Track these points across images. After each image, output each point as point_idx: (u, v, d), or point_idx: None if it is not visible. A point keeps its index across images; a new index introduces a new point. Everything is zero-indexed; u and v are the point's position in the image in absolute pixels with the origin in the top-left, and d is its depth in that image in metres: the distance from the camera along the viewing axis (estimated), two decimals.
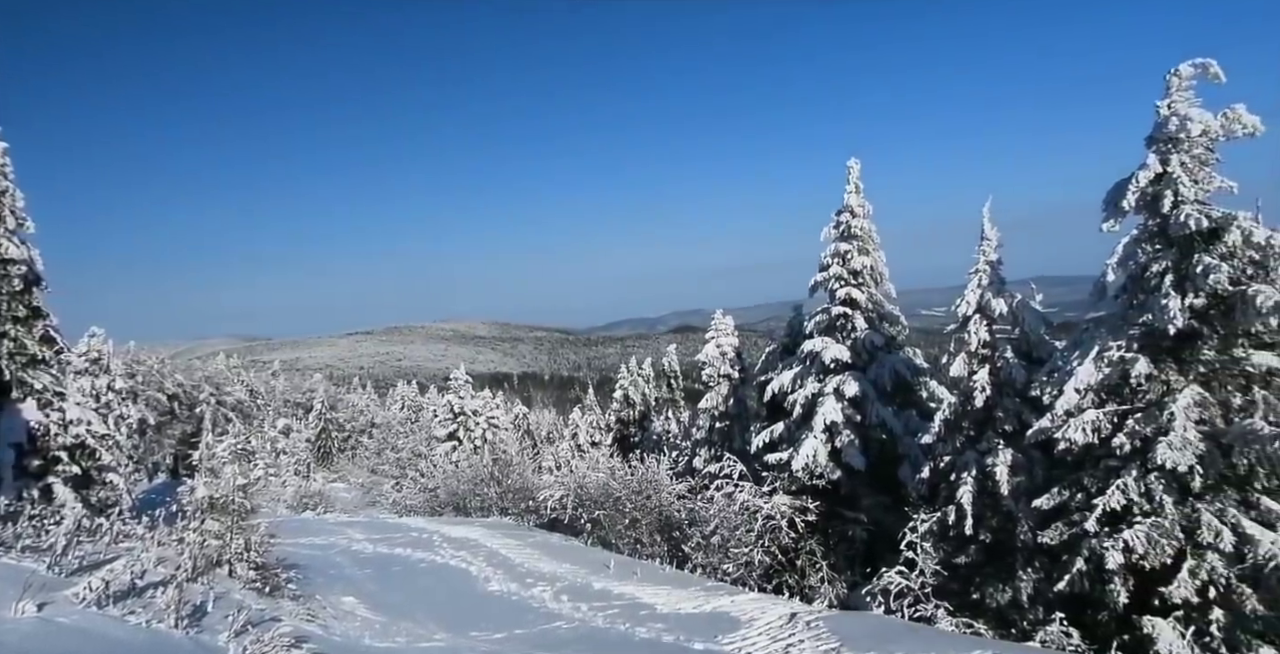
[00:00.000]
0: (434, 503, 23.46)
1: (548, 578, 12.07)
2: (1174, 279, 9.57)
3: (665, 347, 43.62)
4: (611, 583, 11.61)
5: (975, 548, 12.03)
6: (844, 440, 14.93)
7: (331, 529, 17.79)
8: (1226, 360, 9.48)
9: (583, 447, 37.40)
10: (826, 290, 16.15)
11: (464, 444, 32.35)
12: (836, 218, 16.09)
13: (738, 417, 20.40)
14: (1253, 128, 9.31)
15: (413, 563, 13.59)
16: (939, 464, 12.85)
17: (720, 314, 21.62)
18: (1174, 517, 9.22)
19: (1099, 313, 10.73)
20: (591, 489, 16.14)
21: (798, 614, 9.36)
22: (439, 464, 26.32)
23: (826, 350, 15.34)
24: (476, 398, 35.06)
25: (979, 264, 12.70)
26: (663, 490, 15.27)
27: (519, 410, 53.39)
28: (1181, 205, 9.49)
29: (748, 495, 14.33)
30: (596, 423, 44.15)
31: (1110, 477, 9.77)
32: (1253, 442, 8.78)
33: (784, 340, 18.62)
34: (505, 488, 21.02)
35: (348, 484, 35.90)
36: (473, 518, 20.19)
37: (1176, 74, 9.60)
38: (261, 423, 40.70)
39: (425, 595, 11.34)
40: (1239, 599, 8.87)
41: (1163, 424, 9.29)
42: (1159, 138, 9.75)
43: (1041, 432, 10.43)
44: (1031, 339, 12.67)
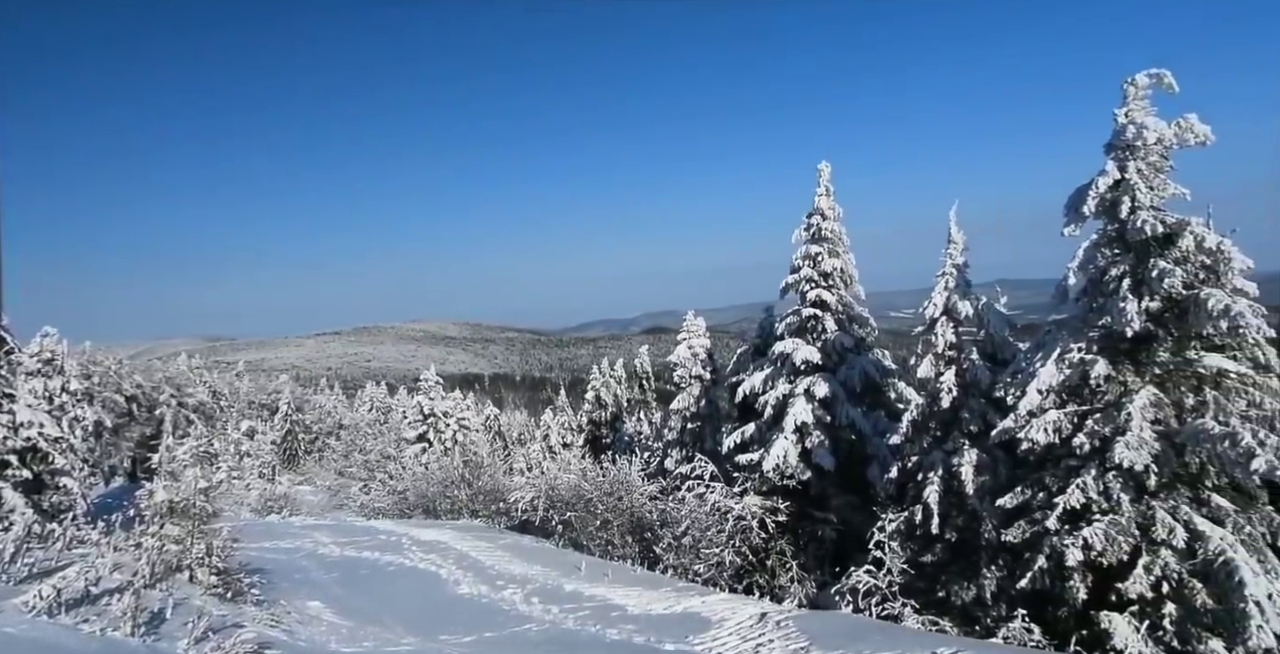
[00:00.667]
0: (403, 505, 23.17)
1: (518, 580, 12.00)
2: (1131, 283, 9.84)
3: (637, 348, 43.66)
4: (583, 584, 11.57)
5: (941, 547, 12.21)
6: (814, 441, 15.07)
7: (297, 532, 17.46)
8: (1180, 362, 9.77)
9: (554, 448, 37.27)
10: (797, 292, 16.30)
11: (434, 446, 32.01)
12: (807, 220, 16.25)
13: (709, 418, 20.48)
14: (1204, 137, 9.62)
15: (381, 566, 13.41)
16: (906, 464, 13.03)
17: (692, 315, 21.68)
18: (1130, 514, 9.46)
19: (1060, 315, 10.99)
20: (563, 491, 16.08)
21: (768, 614, 9.43)
22: (408, 466, 26.01)
23: (797, 352, 15.48)
24: (447, 399, 34.71)
25: (946, 267, 12.92)
26: (634, 491, 15.27)
27: (490, 412, 52.98)
28: (1138, 211, 9.76)
29: (719, 496, 14.40)
30: (568, 424, 44.03)
31: (1071, 476, 9.99)
32: (1204, 441, 9.05)
33: (755, 342, 18.74)
34: (476, 490, 20.84)
35: (314, 487, 35.29)
36: (442, 520, 19.99)
37: (1133, 83, 9.88)
38: (225, 425, 39.80)
39: (393, 599, 11.19)
40: (1190, 594, 9.13)
41: (1120, 424, 9.54)
42: (1117, 145, 10.01)
43: (1005, 432, 10.64)
44: (996, 341, 12.91)
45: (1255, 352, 9.47)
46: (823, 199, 16.18)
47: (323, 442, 45.02)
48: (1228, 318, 8.93)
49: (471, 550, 14.32)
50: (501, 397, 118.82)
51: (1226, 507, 9.36)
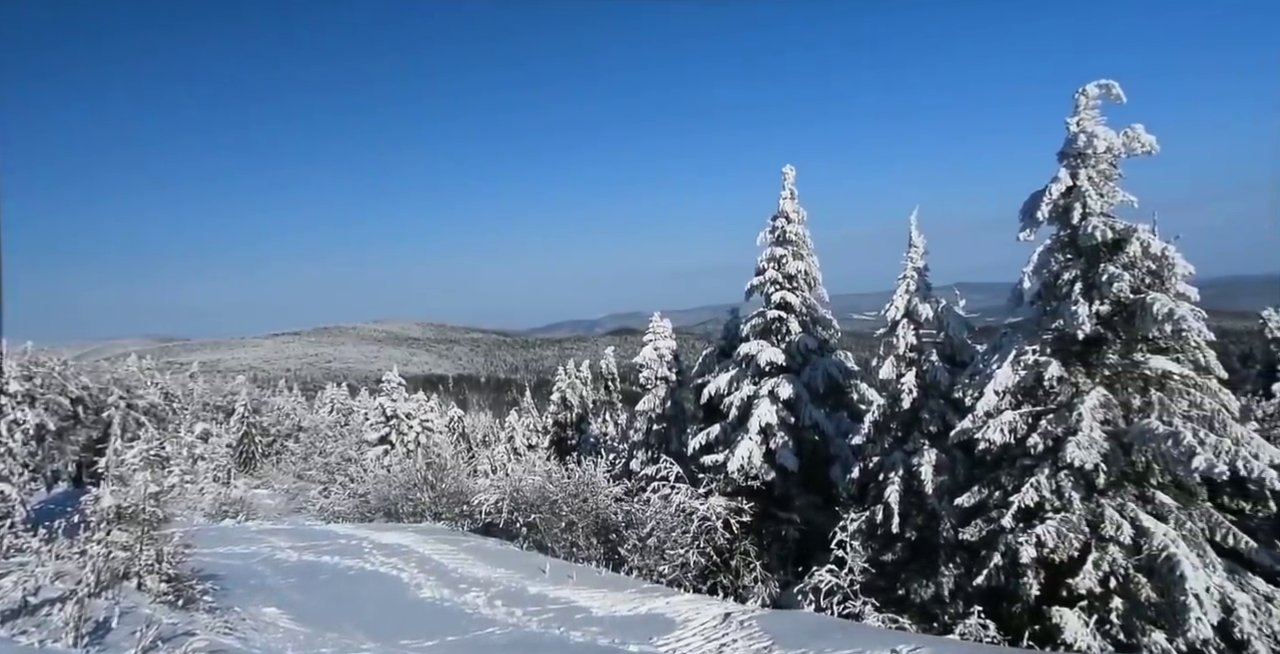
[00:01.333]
0: (364, 509, 22.76)
1: (481, 583, 11.87)
2: (1083, 287, 10.15)
3: (603, 349, 43.58)
4: (547, 587, 11.50)
5: (901, 545, 12.43)
6: (778, 442, 15.22)
7: (253, 537, 17.02)
8: (1128, 364, 10.11)
9: (519, 450, 37.02)
10: (762, 294, 16.45)
11: (396, 448, 31.51)
12: (772, 223, 16.41)
13: (675, 419, 20.53)
14: (1149, 146, 9.98)
15: (340, 571, 13.14)
16: (868, 464, 13.23)
17: (658, 317, 21.72)
18: (1081, 512, 9.75)
19: (1016, 318, 11.28)
20: (527, 492, 15.97)
21: (731, 614, 9.48)
22: (370, 469, 25.56)
23: (762, 353, 15.61)
24: (410, 400, 34.20)
25: (906, 271, 13.16)
26: (599, 493, 15.23)
27: (454, 413, 52.39)
28: (1089, 217, 10.08)
29: (684, 497, 14.44)
30: (533, 426, 43.77)
31: (1025, 475, 10.26)
32: (1149, 440, 9.38)
33: (721, 343, 18.86)
34: (439, 492, 20.57)
35: (272, 490, 34.46)
36: (404, 523, 19.68)
37: (1084, 93, 10.20)
38: (178, 427, 38.60)
39: (353, 604, 10.98)
40: (1135, 588, 9.45)
41: (1072, 424, 9.82)
42: (1069, 153, 10.33)
43: (963, 432, 10.87)
44: (955, 343, 13.20)
45: (1196, 354, 9.83)
46: (787, 202, 16.36)
47: (281, 444, 44.00)
48: (1172, 321, 9.27)
49: (434, 554, 14.12)
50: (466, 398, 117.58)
51: (1169, 503, 9.71)
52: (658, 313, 21.87)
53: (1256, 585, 9.44)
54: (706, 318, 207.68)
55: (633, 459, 20.25)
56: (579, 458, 16.85)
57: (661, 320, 21.59)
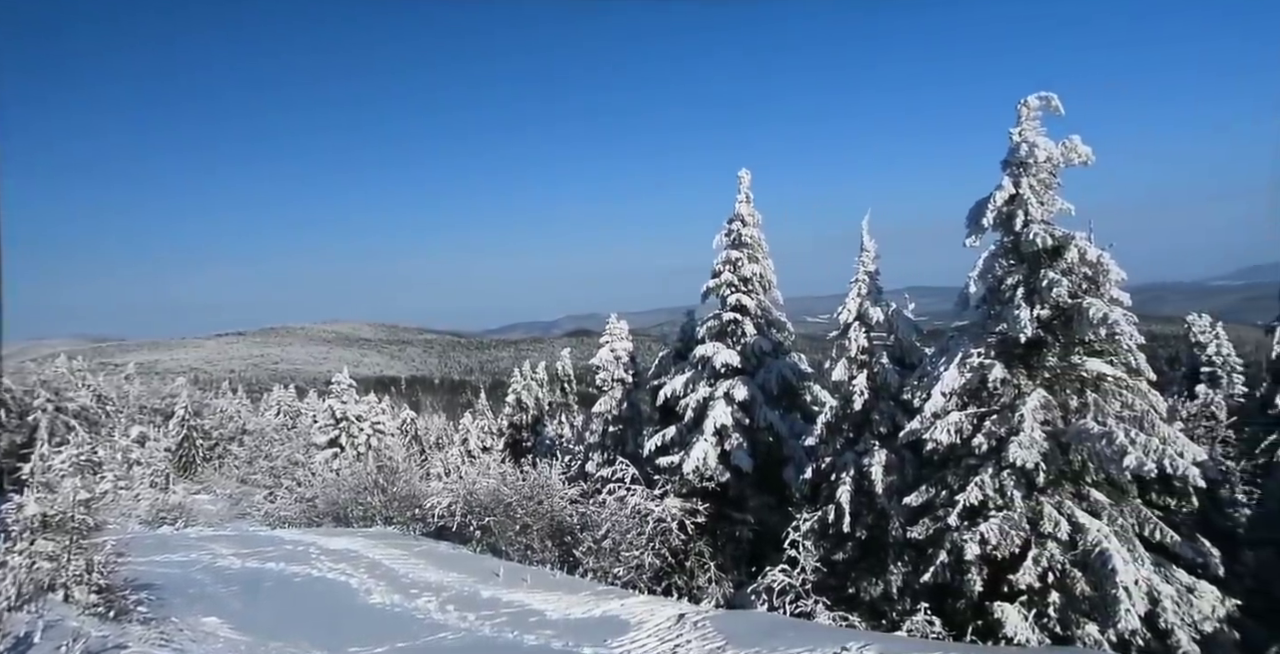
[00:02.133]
0: (311, 513, 22.17)
1: (434, 588, 11.68)
2: (1024, 291, 10.51)
3: (560, 350, 43.38)
4: (500, 590, 11.38)
5: (852, 544, 12.66)
6: (733, 443, 15.35)
7: (193, 544, 16.42)
8: (1066, 366, 10.50)
9: (473, 452, 36.49)
10: (718, 296, 16.58)
11: (346, 451, 30.75)
12: (728, 226, 16.57)
13: (631, 420, 20.54)
14: (1085, 157, 10.41)
15: (286, 578, 12.77)
16: (821, 465, 13.44)
17: (615, 318, 21.70)
18: (1022, 510, 10.09)
19: (963, 322, 11.60)
20: (482, 495, 15.78)
21: (685, 615, 9.52)
22: (318, 472, 24.92)
23: (718, 355, 15.74)
24: (361, 402, 33.42)
25: (858, 274, 13.42)
26: (555, 495, 15.14)
27: (407, 415, 51.41)
28: (1030, 224, 10.45)
29: (639, 499, 14.46)
30: (488, 428, 43.25)
31: (970, 474, 10.56)
32: (1085, 440, 9.76)
33: (677, 345, 18.94)
34: (390, 496, 20.17)
35: (214, 495, 33.30)
36: (354, 528, 19.24)
37: (1026, 104, 10.58)
38: (112, 431, 37.01)
39: (299, 612, 10.68)
40: (1071, 583, 9.81)
41: (1014, 425, 10.15)
42: (1012, 162, 10.69)
43: (912, 433, 11.14)
44: (905, 345, 13.51)
45: (1128, 357, 10.27)
46: (743, 205, 16.54)
47: (224, 448, 42.55)
48: (1106, 325, 9.68)
49: (384, 558, 13.84)
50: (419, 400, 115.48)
51: (1103, 501, 10.11)
52: (614, 314, 21.86)
53: (1180, 577, 9.91)
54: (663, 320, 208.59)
55: (589, 461, 20.18)
56: (534, 460, 16.72)
57: (618, 322, 21.58)
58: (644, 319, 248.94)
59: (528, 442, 34.17)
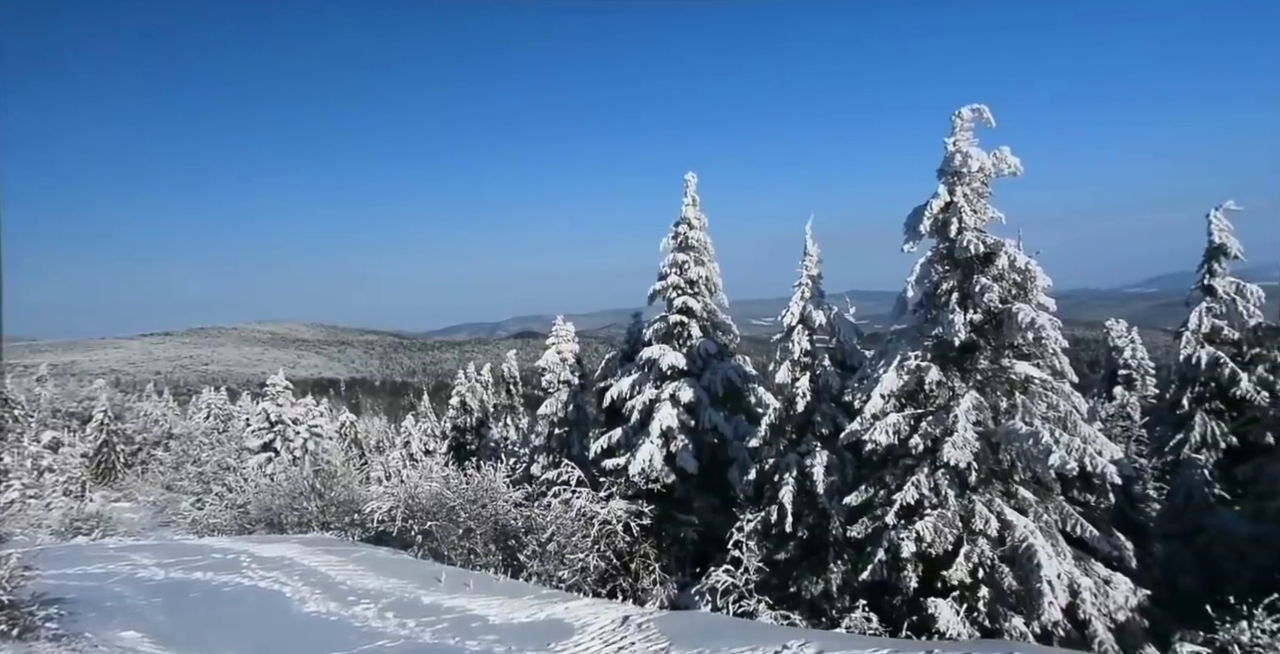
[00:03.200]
0: (243, 520, 21.33)
1: (372, 595, 11.37)
2: (959, 296, 10.91)
3: (505, 352, 42.91)
4: (442, 596, 11.16)
5: (794, 544, 12.89)
6: (679, 445, 15.46)
7: (111, 555, 15.57)
8: (997, 369, 10.94)
9: (415, 455, 35.79)
10: (665, 299, 16.69)
11: (281, 455, 29.70)
12: (675, 229, 16.70)
13: (577, 423, 20.48)
14: (1015, 168, 10.89)
15: (214, 588, 12.24)
16: (764, 466, 13.65)
17: (562, 320, 21.62)
18: (955, 508, 10.46)
19: (901, 325, 11.97)
20: (424, 499, 15.46)
21: (630, 617, 9.52)
22: (251, 477, 23.98)
23: (664, 357, 15.83)
24: (297, 405, 32.34)
25: (802, 278, 13.70)
26: (499, 499, 14.95)
27: (346, 418, 50.07)
28: (964, 232, 10.86)
29: (585, 501, 14.40)
30: (431, 430, 42.49)
31: (907, 474, 10.89)
32: (1013, 440, 10.19)
33: (624, 347, 18.98)
34: (328, 501, 19.58)
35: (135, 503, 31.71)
36: (289, 535, 18.58)
37: (959, 115, 11.00)
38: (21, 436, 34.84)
39: (228, 623, 10.24)
40: (999, 577, 10.22)
41: (949, 426, 10.52)
42: (947, 171, 11.09)
43: (852, 434, 11.42)
44: (846, 349, 13.84)
45: (1054, 360, 10.77)
46: (689, 208, 16.70)
47: (148, 453, 40.58)
48: (1034, 330, 10.13)
49: (320, 565, 13.41)
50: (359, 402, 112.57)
51: (1030, 498, 10.57)
52: (561, 316, 21.78)
53: (1097, 570, 10.43)
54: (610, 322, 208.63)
55: (534, 464, 20.03)
56: (478, 463, 16.47)
57: (565, 324, 21.50)
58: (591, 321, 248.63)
59: (472, 445, 33.65)
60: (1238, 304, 15.41)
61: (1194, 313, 15.84)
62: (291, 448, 30.18)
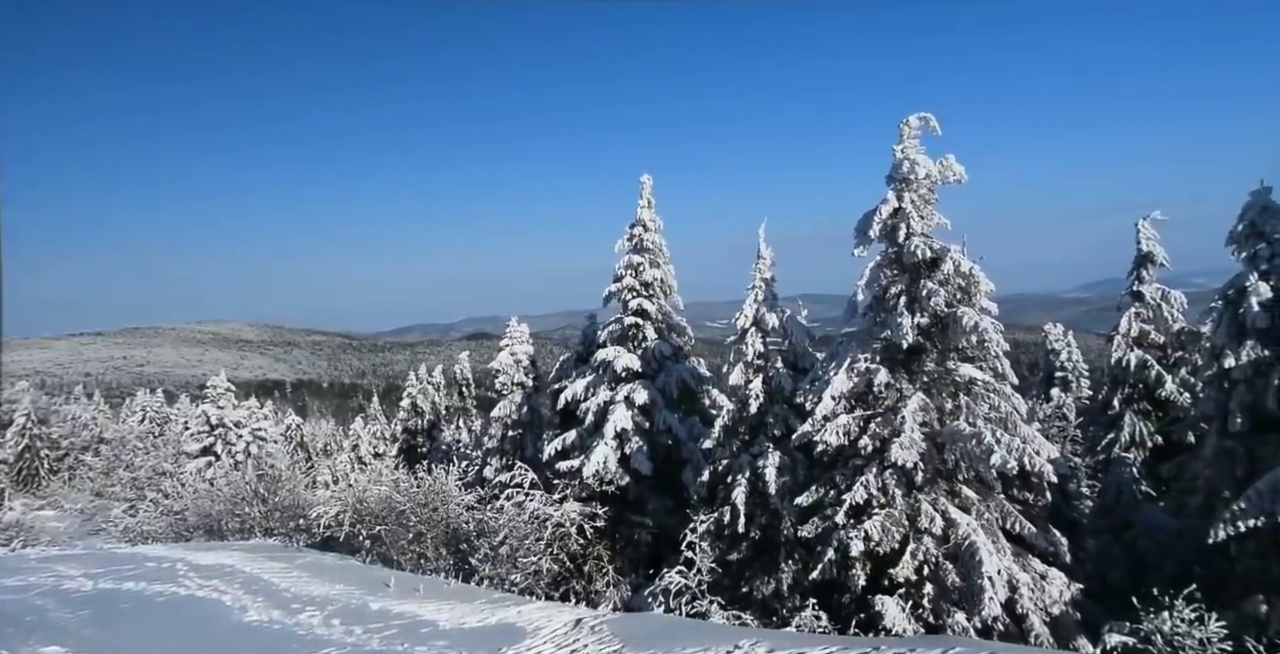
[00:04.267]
0: (180, 527, 20.54)
1: (317, 602, 11.06)
2: (907, 300, 11.20)
3: (458, 353, 42.32)
4: (391, 602, 10.93)
5: (746, 544, 13.02)
6: (633, 447, 15.47)
7: (33, 567, 14.78)
8: (942, 371, 11.27)
9: (365, 459, 34.98)
10: (619, 301, 16.70)
11: (222, 459, 28.70)
12: (630, 231, 16.73)
13: (531, 425, 20.33)
14: (959, 176, 11.25)
15: (147, 599, 11.73)
16: (718, 467, 13.76)
17: (516, 321, 21.44)
18: (902, 507, 10.72)
19: (851, 328, 12.22)
20: (372, 503, 15.13)
21: (583, 620, 9.49)
22: (189, 483, 23.11)
23: (618, 359, 15.84)
24: (240, 407, 31.30)
25: (755, 281, 13.86)
26: (451, 502, 14.74)
27: (292, 421, 48.66)
28: (912, 237, 11.16)
29: (538, 504, 14.30)
30: (381, 433, 41.63)
31: (856, 474, 11.12)
32: (958, 440, 10.51)
33: (578, 349, 18.92)
34: (272, 506, 19.00)
35: (61, 511, 30.19)
36: (230, 541, 17.95)
37: (907, 124, 11.31)
38: None
39: (161, 635, 9.83)
40: (943, 574, 10.52)
41: (897, 427, 10.78)
42: (895, 177, 11.39)
43: (804, 435, 11.61)
44: (798, 351, 14.05)
45: (996, 362, 11.15)
46: (645, 211, 16.75)
47: (75, 458, 38.68)
48: (977, 333, 10.47)
49: (263, 573, 12.98)
50: (305, 404, 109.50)
51: (972, 497, 10.91)
52: (515, 317, 21.60)
53: (1035, 566, 10.82)
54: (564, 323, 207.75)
55: (487, 466, 19.80)
56: (430, 466, 16.22)
57: (519, 325, 21.34)
58: (545, 322, 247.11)
59: (423, 447, 33.09)
60: (1163, 309, 16.21)
61: (1124, 317, 16.60)
62: (233, 452, 29.20)
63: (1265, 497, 9.35)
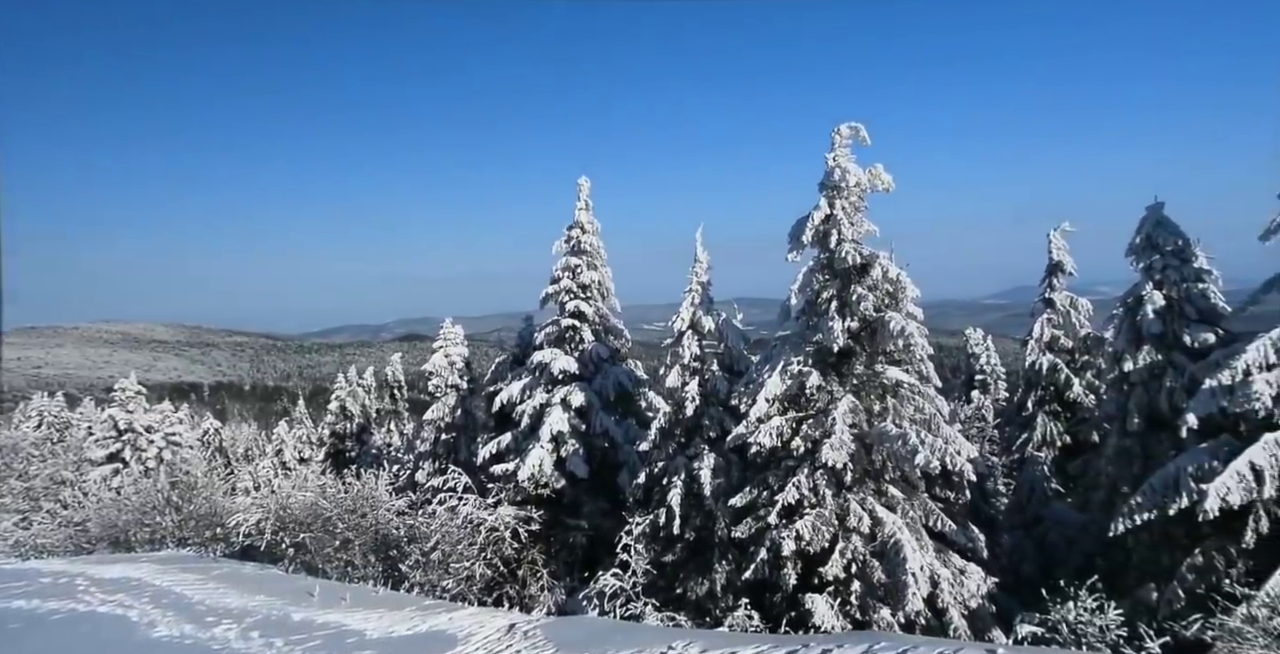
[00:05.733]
0: (81, 539, 19.26)
1: (235, 614, 10.56)
2: (838, 305, 11.53)
3: (390, 355, 41.23)
4: (315, 612, 10.52)
5: (681, 546, 13.11)
6: (569, 449, 15.38)
7: None
8: (871, 374, 11.63)
9: (289, 464, 33.62)
10: (557, 303, 16.59)
11: (131, 467, 27.07)
12: (568, 233, 16.65)
13: (465, 428, 19.97)
14: (888, 185, 11.67)
15: (40, 617, 10.95)
16: (654, 469, 13.82)
17: (450, 323, 21.06)
18: (832, 507, 11.00)
19: (785, 332, 12.48)
20: (297, 510, 14.55)
21: (516, 625, 9.37)
22: (92, 492, 21.71)
23: (555, 361, 15.73)
24: (152, 411, 29.60)
25: (692, 284, 14.00)
26: (380, 507, 14.32)
27: (210, 425, 46.34)
28: (843, 243, 11.49)
29: (472, 508, 14.05)
30: (307, 437, 40.13)
31: (789, 475, 11.35)
32: (885, 441, 10.86)
33: (514, 351, 18.71)
34: (186, 515, 18.06)
35: None
36: (138, 553, 16.94)
37: (839, 132, 11.66)
38: None
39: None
40: (870, 572, 10.85)
41: (827, 428, 11.06)
42: (828, 184, 11.72)
43: (738, 437, 11.78)
44: (734, 354, 14.25)
45: (921, 366, 11.59)
46: (582, 213, 16.71)
47: None
48: (904, 337, 10.86)
49: (175, 585, 12.31)
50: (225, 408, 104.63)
51: (898, 496, 11.30)
52: (450, 319, 21.22)
53: (954, 562, 11.28)
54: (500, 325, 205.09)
55: (419, 470, 19.35)
56: (359, 471, 15.71)
57: (453, 326, 20.97)
58: (481, 324, 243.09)
59: (352, 452, 32.03)
60: (1072, 316, 17.18)
61: (1037, 323, 17.51)
62: (144, 458, 27.58)
63: (1158, 491, 9.99)
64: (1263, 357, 9.30)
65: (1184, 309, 11.73)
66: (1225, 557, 9.52)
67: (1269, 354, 9.28)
